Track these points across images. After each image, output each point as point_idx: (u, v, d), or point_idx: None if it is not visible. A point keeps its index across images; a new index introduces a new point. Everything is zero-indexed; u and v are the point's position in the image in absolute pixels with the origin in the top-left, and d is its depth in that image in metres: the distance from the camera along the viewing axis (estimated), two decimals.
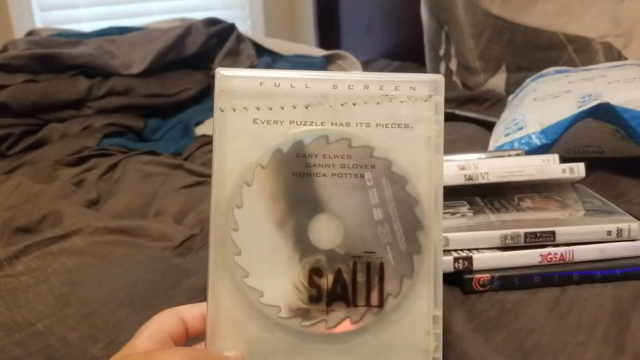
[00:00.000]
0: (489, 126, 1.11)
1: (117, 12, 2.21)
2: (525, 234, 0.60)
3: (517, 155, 0.78)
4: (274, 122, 0.42)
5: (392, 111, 0.42)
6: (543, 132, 0.85)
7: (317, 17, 2.38)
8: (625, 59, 1.23)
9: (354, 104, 0.42)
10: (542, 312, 0.56)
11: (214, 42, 1.43)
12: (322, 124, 0.42)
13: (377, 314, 0.42)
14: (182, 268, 0.68)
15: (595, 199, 0.69)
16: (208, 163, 1.10)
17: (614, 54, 1.26)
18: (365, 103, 0.42)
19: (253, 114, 0.42)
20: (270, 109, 0.42)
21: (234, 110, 0.42)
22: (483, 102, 1.39)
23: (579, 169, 0.69)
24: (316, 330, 0.42)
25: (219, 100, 0.42)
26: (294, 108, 0.42)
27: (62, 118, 1.21)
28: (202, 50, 1.39)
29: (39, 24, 2.05)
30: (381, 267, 0.42)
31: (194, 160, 1.13)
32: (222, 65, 1.38)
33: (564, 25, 1.32)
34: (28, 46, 1.24)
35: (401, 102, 0.42)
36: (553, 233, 0.60)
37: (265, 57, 1.50)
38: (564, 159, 0.72)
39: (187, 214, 0.86)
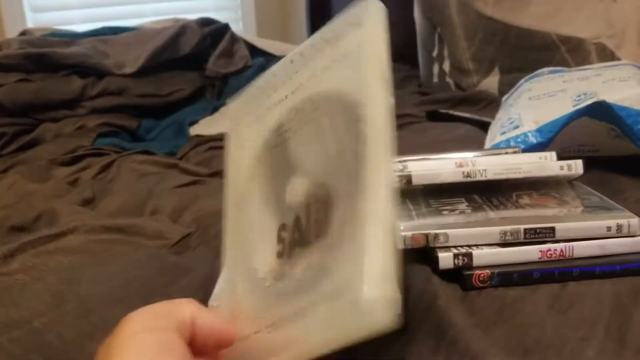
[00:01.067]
0: (484, 127, 1.11)
1: (109, 14, 2.21)
2: (525, 230, 0.60)
3: (514, 152, 0.78)
4: (257, 120, 0.47)
5: (336, 49, 0.45)
6: (539, 130, 0.85)
7: (310, 20, 2.38)
8: (619, 59, 1.24)
9: (305, 65, 0.46)
10: (542, 307, 0.56)
11: (208, 42, 1.43)
12: (285, 97, 0.45)
13: (329, 244, 0.38)
14: (179, 266, 0.68)
15: (593, 195, 0.69)
16: (203, 163, 1.09)
17: (607, 55, 1.27)
18: (314, 56, 0.46)
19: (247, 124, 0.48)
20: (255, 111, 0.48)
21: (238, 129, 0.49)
22: (477, 102, 1.39)
23: (576, 166, 0.69)
24: (285, 285, 0.40)
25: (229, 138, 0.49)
26: (268, 97, 0.47)
27: (55, 118, 1.21)
28: (196, 51, 1.39)
29: (30, 26, 2.04)
30: (329, 198, 0.40)
31: (189, 160, 1.13)
32: (217, 65, 1.38)
33: (557, 26, 1.33)
34: (21, 45, 1.24)
35: (343, 35, 0.46)
36: (553, 229, 0.60)
37: (259, 58, 1.50)
38: (560, 157, 0.72)
39: (183, 212, 0.85)
